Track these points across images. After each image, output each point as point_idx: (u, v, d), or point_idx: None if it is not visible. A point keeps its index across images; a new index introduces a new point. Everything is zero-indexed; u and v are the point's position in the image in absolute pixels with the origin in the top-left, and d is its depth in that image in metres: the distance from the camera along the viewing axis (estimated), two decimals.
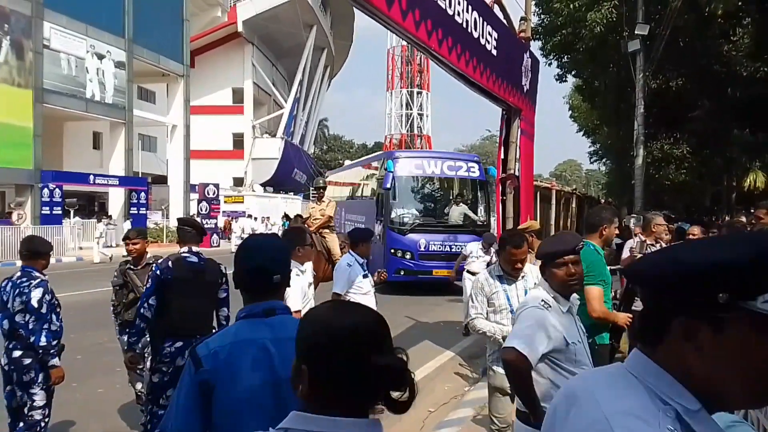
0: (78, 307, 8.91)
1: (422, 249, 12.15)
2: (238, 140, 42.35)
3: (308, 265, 4.83)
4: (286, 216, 23.46)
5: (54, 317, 3.68)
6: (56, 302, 3.79)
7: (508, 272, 3.72)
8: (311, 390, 1.11)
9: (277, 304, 1.84)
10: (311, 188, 11.21)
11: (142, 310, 3.88)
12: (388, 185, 12.52)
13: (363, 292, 5.21)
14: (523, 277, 3.59)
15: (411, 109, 70.31)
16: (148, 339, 4.07)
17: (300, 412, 1.14)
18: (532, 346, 2.42)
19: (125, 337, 4.37)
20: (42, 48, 21.82)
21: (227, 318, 4.07)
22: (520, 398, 2.52)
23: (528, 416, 2.48)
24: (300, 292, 4.25)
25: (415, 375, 1.12)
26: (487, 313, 3.77)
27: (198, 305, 3.98)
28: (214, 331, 3.94)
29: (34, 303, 3.60)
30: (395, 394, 1.09)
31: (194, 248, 4.05)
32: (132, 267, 4.62)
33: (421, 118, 70.86)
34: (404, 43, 67.48)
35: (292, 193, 42.86)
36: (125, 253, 4.80)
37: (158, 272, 3.91)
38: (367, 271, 5.30)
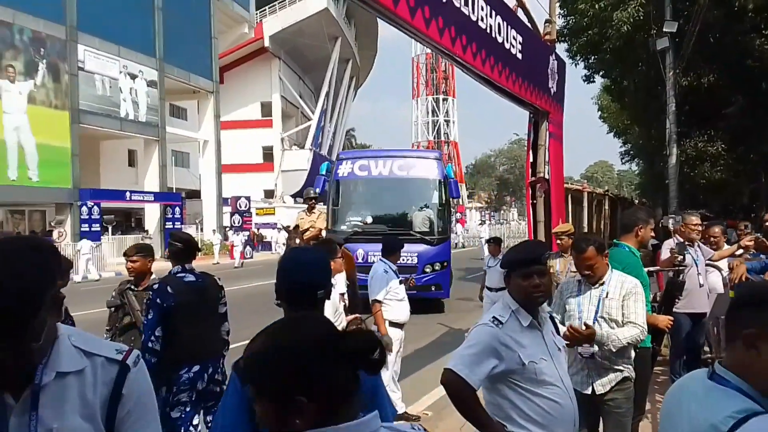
0: None
1: (360, 260, 10.56)
2: (268, 153, 42.92)
3: (339, 278, 4.89)
4: (284, 228, 22.49)
5: None
6: (70, 321, 3.66)
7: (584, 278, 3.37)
8: (315, 415, 1.07)
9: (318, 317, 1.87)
10: (303, 199, 10.63)
11: (150, 344, 3.54)
12: (320, 191, 11.34)
13: (399, 298, 5.30)
14: (601, 284, 3.21)
15: (437, 116, 70.32)
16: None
17: None
18: (472, 368, 2.25)
19: None
20: (77, 70, 22.56)
21: (228, 333, 3.93)
22: (469, 421, 2.32)
23: None
24: (331, 306, 4.28)
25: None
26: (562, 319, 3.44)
27: (208, 326, 3.80)
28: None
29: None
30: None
31: (187, 266, 3.79)
32: (132, 287, 4.15)
33: (447, 125, 70.82)
34: (428, 50, 67.59)
35: (321, 203, 43.14)
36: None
37: (158, 300, 3.59)
38: (400, 278, 5.38)
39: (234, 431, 1.64)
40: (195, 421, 3.69)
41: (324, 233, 9.01)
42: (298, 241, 8.14)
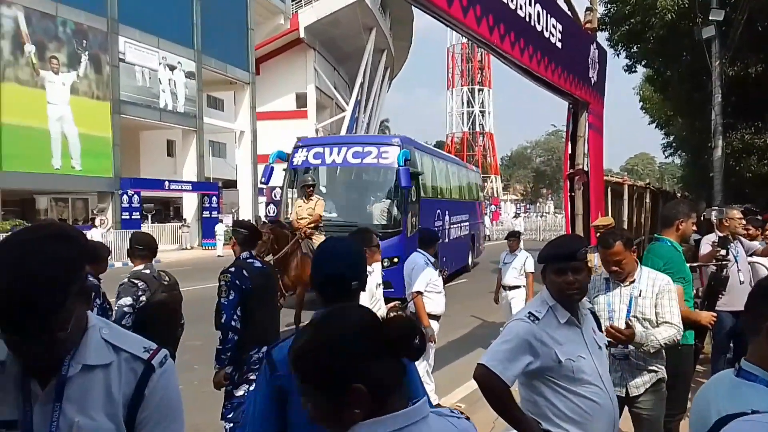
0: None
1: None
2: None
3: (376, 266, 4.89)
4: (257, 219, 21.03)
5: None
6: (107, 306, 3.81)
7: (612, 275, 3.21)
8: (371, 404, 1.08)
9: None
10: (299, 185, 10.12)
11: (232, 323, 3.74)
12: (265, 180, 11.16)
13: (438, 290, 5.33)
14: (632, 282, 3.04)
15: (472, 107, 69.60)
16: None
17: (354, 427, 1.09)
18: (506, 364, 2.19)
19: None
20: (118, 61, 23.08)
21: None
22: (502, 418, 2.28)
23: None
24: (368, 293, 4.29)
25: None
26: None
27: (273, 310, 4.06)
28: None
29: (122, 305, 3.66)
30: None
31: (252, 251, 4.05)
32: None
33: (482, 115, 70.03)
34: (464, 40, 66.86)
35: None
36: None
37: (237, 282, 3.80)
38: (437, 270, 5.41)
39: (264, 415, 1.68)
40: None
41: (321, 222, 8.99)
42: (270, 237, 7.64)
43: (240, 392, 3.83)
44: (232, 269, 3.90)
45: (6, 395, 1.19)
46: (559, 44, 6.38)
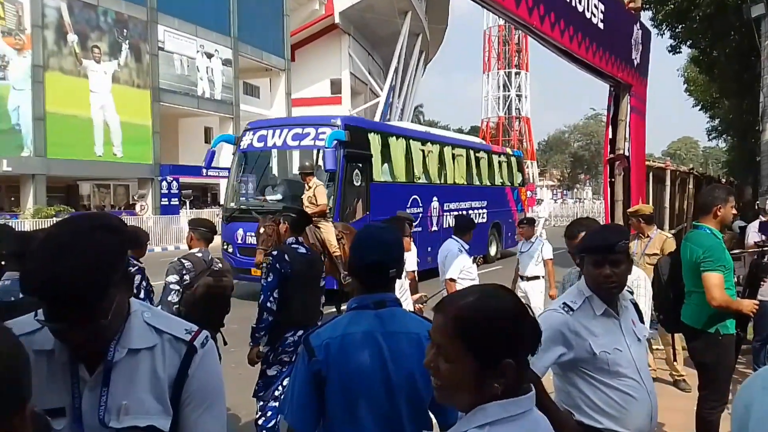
0: None
1: (240, 241, 9.99)
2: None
3: (408, 255, 4.88)
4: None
5: (148, 302, 3.90)
6: (151, 288, 3.90)
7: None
8: (512, 381, 1.12)
9: (387, 296, 1.85)
10: (298, 171, 9.75)
11: (268, 304, 3.87)
12: (206, 164, 10.80)
13: (471, 277, 5.29)
14: None
15: (509, 91, 68.48)
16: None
17: (491, 404, 1.13)
18: (537, 355, 2.14)
19: None
20: (157, 50, 23.50)
21: (323, 305, 4.30)
22: None
23: None
24: (397, 283, 4.30)
25: None
26: None
27: (313, 295, 4.12)
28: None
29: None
30: None
31: (299, 238, 4.15)
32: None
33: (519, 100, 68.84)
34: (501, 22, 65.63)
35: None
36: None
37: (277, 265, 3.91)
38: (471, 256, 5.37)
39: (302, 400, 1.72)
40: (285, 382, 3.89)
41: (328, 209, 8.66)
42: (262, 230, 7.32)
43: (272, 372, 3.94)
44: (275, 253, 4.06)
45: (54, 383, 1.22)
46: (601, 25, 6.19)
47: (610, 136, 7.35)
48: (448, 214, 13.59)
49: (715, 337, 3.26)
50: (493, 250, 15.94)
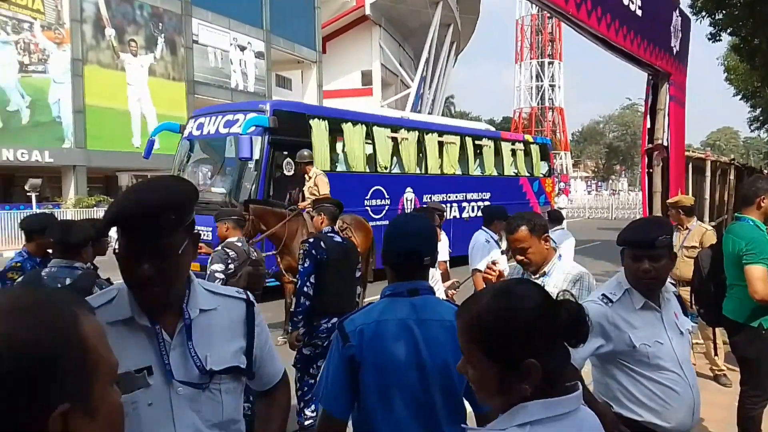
0: None
1: None
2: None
3: (440, 245, 4.86)
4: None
5: None
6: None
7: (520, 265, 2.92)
8: (540, 382, 1.07)
9: (421, 284, 1.85)
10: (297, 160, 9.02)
11: (305, 289, 4.00)
12: (145, 154, 10.24)
13: (500, 268, 5.18)
14: (543, 275, 2.72)
15: (542, 81, 67.40)
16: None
17: (533, 403, 1.08)
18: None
19: None
20: (192, 43, 23.85)
21: (359, 295, 4.42)
22: None
23: None
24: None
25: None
26: None
27: (347, 284, 4.21)
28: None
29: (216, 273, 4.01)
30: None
31: (334, 227, 4.27)
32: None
33: (552, 90, 67.68)
34: (534, 11, 64.54)
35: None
36: None
37: (313, 251, 4.03)
38: (502, 248, 5.27)
39: (337, 385, 1.74)
40: (319, 363, 4.08)
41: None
42: (250, 218, 6.94)
43: (307, 351, 4.14)
44: (311, 240, 4.19)
45: (138, 346, 1.35)
46: (639, 12, 6.04)
47: (649, 125, 7.17)
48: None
49: (758, 331, 3.18)
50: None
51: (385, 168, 11.64)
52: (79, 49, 20.09)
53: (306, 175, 8.18)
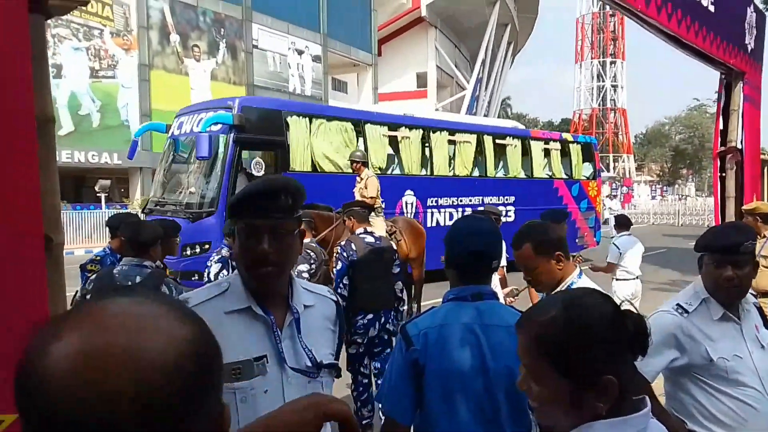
0: None
1: None
2: None
3: None
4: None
5: None
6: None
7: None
8: (615, 399, 1.01)
9: (485, 288, 1.82)
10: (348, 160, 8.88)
11: (339, 290, 4.17)
12: (129, 155, 9.79)
13: None
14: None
15: (603, 81, 65.43)
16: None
17: (599, 423, 1.02)
18: (646, 359, 1.91)
19: None
20: (252, 48, 24.45)
21: (402, 290, 4.50)
22: None
23: None
24: None
25: None
26: None
27: (382, 283, 4.35)
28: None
29: (211, 276, 4.18)
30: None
31: (368, 228, 4.43)
32: None
33: (614, 90, 65.58)
34: (595, 10, 62.72)
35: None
36: None
37: (344, 254, 4.24)
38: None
39: (400, 389, 1.73)
40: (365, 361, 4.34)
41: (380, 202, 7.98)
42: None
43: (351, 351, 4.29)
44: (344, 242, 4.39)
45: (254, 335, 1.45)
46: (711, 8, 5.74)
47: (721, 127, 6.81)
48: (439, 210, 11.75)
49: None
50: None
51: (380, 169, 10.86)
52: (145, 55, 20.94)
53: (358, 176, 8.07)
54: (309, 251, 4.23)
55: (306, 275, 4.14)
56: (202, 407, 0.59)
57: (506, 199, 12.81)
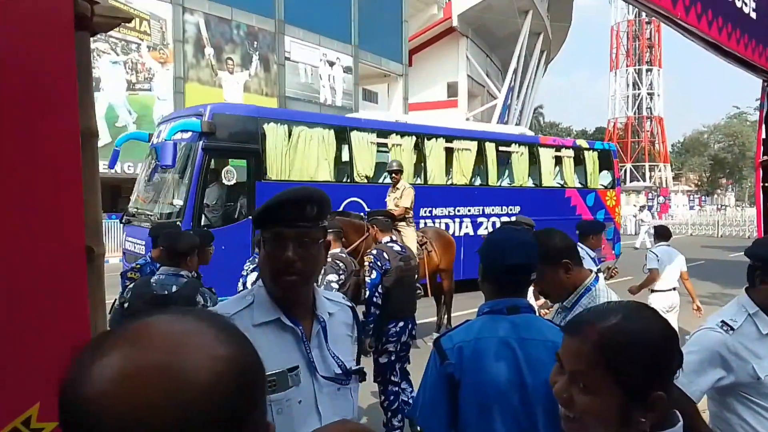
0: None
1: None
2: None
3: None
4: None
5: None
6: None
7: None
8: (662, 412, 1.01)
9: (520, 301, 1.78)
10: (387, 170, 8.77)
11: (374, 299, 4.25)
12: (109, 165, 9.32)
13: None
14: (566, 308, 2.25)
15: (639, 89, 64.25)
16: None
17: None
18: (691, 378, 1.91)
19: None
20: (284, 60, 24.80)
21: (417, 299, 4.76)
22: None
23: None
24: None
25: None
26: None
27: (410, 290, 4.51)
28: None
29: (248, 284, 4.25)
30: None
31: (393, 237, 4.58)
32: None
33: (651, 98, 64.30)
34: (631, 17, 61.73)
35: None
36: None
37: (378, 263, 4.32)
38: (599, 264, 5.07)
39: (435, 403, 1.71)
40: (397, 367, 4.41)
41: (411, 213, 7.88)
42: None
43: (384, 360, 4.35)
44: (375, 252, 4.45)
45: (285, 345, 1.48)
46: (753, 14, 5.60)
47: (764, 135, 6.60)
48: (433, 220, 11.12)
49: None
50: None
51: (366, 177, 10.49)
52: (181, 68, 21.43)
53: (395, 186, 8.00)
54: (338, 261, 4.27)
55: (335, 285, 4.16)
56: (244, 426, 0.59)
57: (510, 209, 12.25)
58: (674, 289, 6.68)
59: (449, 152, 11.69)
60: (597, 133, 68.60)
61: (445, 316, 8.42)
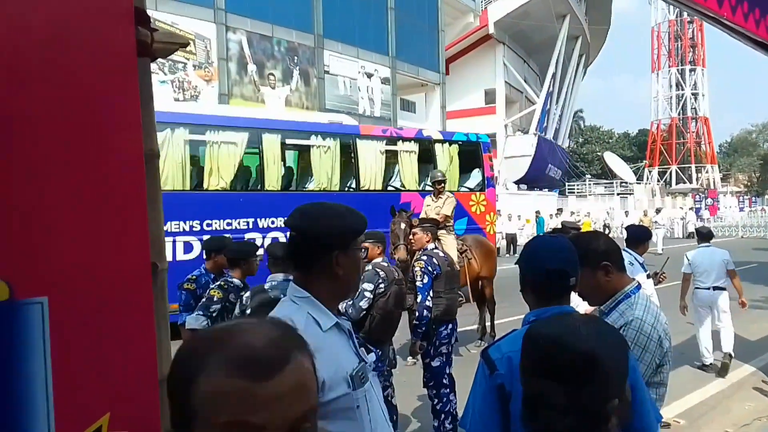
0: None
1: None
2: (491, 140, 42.58)
3: None
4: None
5: None
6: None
7: None
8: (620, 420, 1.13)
9: (566, 308, 1.77)
10: (430, 181, 8.74)
11: (427, 302, 4.44)
12: None
13: (648, 293, 4.85)
14: (602, 312, 2.19)
15: (682, 89, 62.48)
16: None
17: None
18: None
19: None
20: (323, 74, 25.19)
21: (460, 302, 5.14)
22: None
23: None
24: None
25: None
26: None
27: (455, 292, 4.76)
28: None
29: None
30: None
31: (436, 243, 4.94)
32: None
33: (695, 98, 62.44)
34: (672, 17, 60.15)
35: (546, 190, 41.77)
36: None
37: (429, 268, 4.56)
38: (648, 271, 4.98)
39: (485, 415, 1.68)
40: (448, 370, 4.49)
41: (451, 222, 7.97)
42: (402, 225, 6.78)
43: (436, 363, 4.43)
44: (424, 257, 4.65)
45: (348, 345, 1.62)
46: None
47: None
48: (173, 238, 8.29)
49: None
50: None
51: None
52: (225, 85, 22.00)
53: (436, 195, 8.00)
54: (378, 270, 4.20)
55: (368, 294, 4.02)
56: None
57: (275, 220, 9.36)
58: (717, 288, 6.54)
59: (195, 147, 8.93)
60: (640, 135, 67.00)
61: (488, 324, 8.38)
